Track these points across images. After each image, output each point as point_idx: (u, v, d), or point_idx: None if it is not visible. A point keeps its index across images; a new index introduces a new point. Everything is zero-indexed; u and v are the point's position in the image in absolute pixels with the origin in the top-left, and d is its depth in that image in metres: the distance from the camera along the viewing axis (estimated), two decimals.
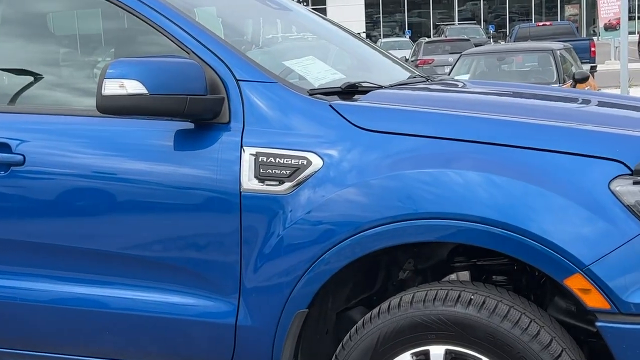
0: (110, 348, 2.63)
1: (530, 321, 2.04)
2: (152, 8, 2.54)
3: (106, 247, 2.52)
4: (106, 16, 2.85)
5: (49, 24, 3.03)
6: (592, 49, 19.89)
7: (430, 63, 20.54)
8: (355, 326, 2.26)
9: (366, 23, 41.73)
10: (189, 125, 2.40)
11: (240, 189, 2.30)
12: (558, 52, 10.40)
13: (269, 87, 2.43)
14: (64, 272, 2.61)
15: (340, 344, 2.28)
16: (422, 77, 3.48)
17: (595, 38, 24.74)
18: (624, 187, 2.00)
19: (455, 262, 2.49)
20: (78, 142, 2.58)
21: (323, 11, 37.68)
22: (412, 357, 2.16)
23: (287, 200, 2.27)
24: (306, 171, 2.26)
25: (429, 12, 44.13)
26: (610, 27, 21.57)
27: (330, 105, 2.37)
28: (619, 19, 21.14)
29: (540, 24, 27.68)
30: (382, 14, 44.55)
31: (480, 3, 44.47)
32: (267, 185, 2.29)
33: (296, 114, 2.40)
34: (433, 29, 39.99)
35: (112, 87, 2.26)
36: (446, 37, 27.90)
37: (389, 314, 2.18)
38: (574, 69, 10.22)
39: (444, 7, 44.87)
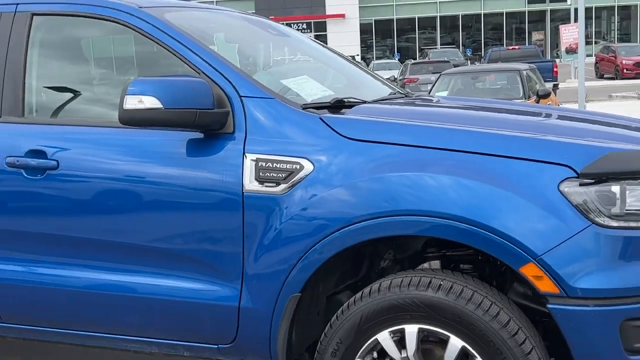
0: (136, 327, 2.66)
1: (492, 304, 2.08)
2: (168, 34, 2.57)
3: (129, 240, 2.56)
4: (131, 41, 2.85)
5: (87, 47, 3.04)
6: (555, 69, 20.08)
7: (415, 81, 20.58)
8: (341, 308, 2.30)
9: (361, 47, 42.34)
10: (199, 135, 2.41)
11: (242, 190, 2.32)
12: (524, 72, 10.46)
13: (267, 102, 2.44)
14: (97, 262, 2.63)
15: (329, 324, 2.31)
16: (402, 94, 3.50)
17: (557, 60, 24.89)
18: (571, 189, 2.04)
19: (428, 253, 2.52)
20: (104, 149, 2.60)
21: (324, 37, 39.06)
22: (390, 334, 2.19)
23: (283, 199, 2.29)
24: (299, 174, 2.28)
25: (415, 37, 44.63)
26: (571, 51, 21.64)
27: (320, 118, 2.40)
28: (577, 43, 21.56)
29: (510, 47, 27.89)
30: (375, 39, 45.13)
31: (459, 29, 44.94)
32: (266, 186, 2.31)
33: (291, 125, 2.42)
34: (418, 52, 40.24)
35: (132, 102, 2.29)
36: (429, 59, 27.80)
37: (370, 297, 2.21)
38: (537, 87, 10.27)
39: (428, 33, 45.39)
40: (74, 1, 2.78)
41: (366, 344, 2.24)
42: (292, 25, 41.96)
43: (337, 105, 2.59)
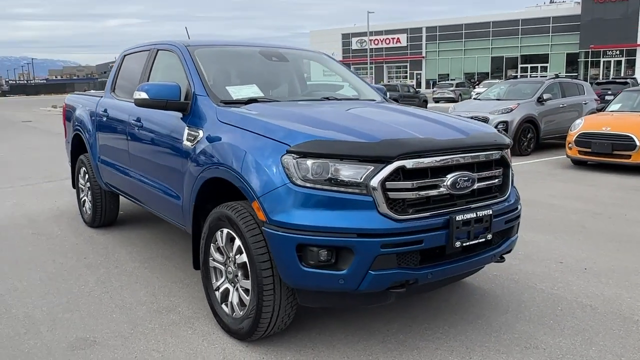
0: (150, 200, 3.41)
1: (252, 221, 2.30)
2: (185, 60, 3.13)
3: (149, 159, 3.32)
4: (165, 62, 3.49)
5: (166, 62, 3.55)
6: None
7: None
8: (210, 212, 2.63)
9: None
10: (181, 114, 2.96)
11: (183, 143, 2.86)
12: None
13: (203, 98, 2.87)
14: (137, 171, 3.48)
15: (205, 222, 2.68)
16: (329, 98, 3.39)
17: None
18: (286, 160, 2.18)
19: None
20: (148, 117, 3.34)
21: (633, 61, 35.46)
22: (219, 233, 2.53)
23: (194, 149, 2.74)
24: (198, 137, 2.73)
25: None
26: None
27: (216, 108, 2.75)
28: None
29: None
30: None
31: None
32: (189, 142, 2.80)
33: (206, 112, 2.79)
34: None
35: (137, 95, 2.95)
36: None
37: (214, 212, 2.56)
38: None
39: None
40: (166, 42, 3.54)
41: (213, 237, 2.62)
42: (607, 52, 36.71)
43: (250, 101, 2.88)
